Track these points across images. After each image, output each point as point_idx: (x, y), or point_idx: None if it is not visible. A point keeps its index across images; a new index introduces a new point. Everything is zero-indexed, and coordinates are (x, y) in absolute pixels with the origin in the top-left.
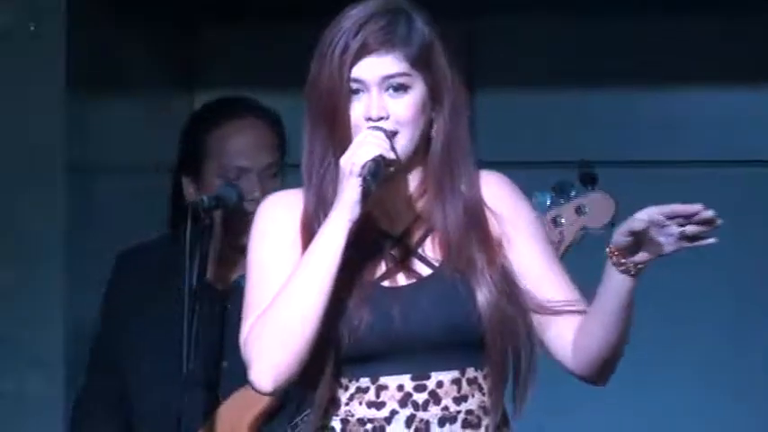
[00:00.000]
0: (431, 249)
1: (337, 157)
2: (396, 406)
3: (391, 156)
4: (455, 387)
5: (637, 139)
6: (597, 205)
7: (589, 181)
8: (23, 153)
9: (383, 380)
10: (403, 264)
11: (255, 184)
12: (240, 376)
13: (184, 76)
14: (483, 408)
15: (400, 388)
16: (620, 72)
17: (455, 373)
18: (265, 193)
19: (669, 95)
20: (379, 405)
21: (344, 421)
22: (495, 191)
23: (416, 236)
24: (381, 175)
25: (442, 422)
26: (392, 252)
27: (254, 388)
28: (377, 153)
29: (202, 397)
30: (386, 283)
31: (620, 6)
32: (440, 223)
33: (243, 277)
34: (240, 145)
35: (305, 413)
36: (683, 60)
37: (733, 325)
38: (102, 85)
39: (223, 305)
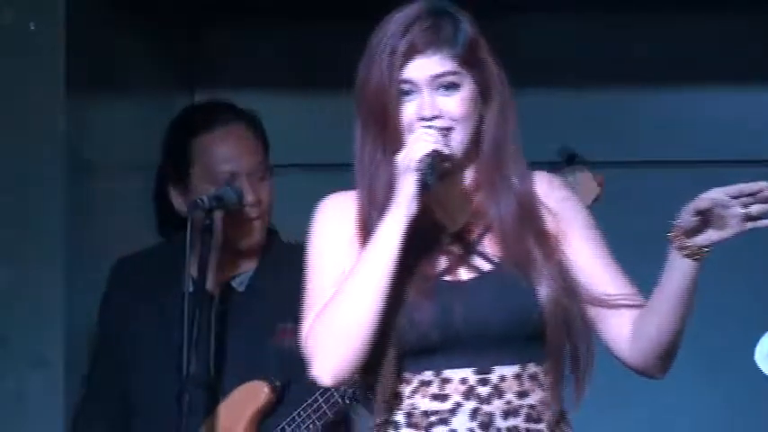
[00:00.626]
0: (489, 245)
1: (388, 157)
2: (460, 398)
3: (446, 151)
4: (517, 381)
5: (637, 140)
6: (582, 183)
7: (569, 158)
8: (23, 153)
9: (446, 373)
10: (463, 259)
11: (247, 188)
12: (238, 374)
13: (185, 75)
14: (544, 403)
15: (463, 381)
16: (620, 72)
17: (517, 368)
18: (257, 195)
19: (669, 95)
20: (443, 397)
21: (409, 414)
22: (548, 189)
23: (475, 232)
24: (438, 169)
25: (505, 415)
26: (452, 247)
27: (316, 383)
28: (432, 148)
29: (202, 396)
30: (447, 278)
31: (620, 6)
32: (496, 218)
33: (237, 278)
34: (227, 150)
35: (300, 409)
36: (683, 60)
37: (735, 325)
38: (102, 84)
39: (219, 306)
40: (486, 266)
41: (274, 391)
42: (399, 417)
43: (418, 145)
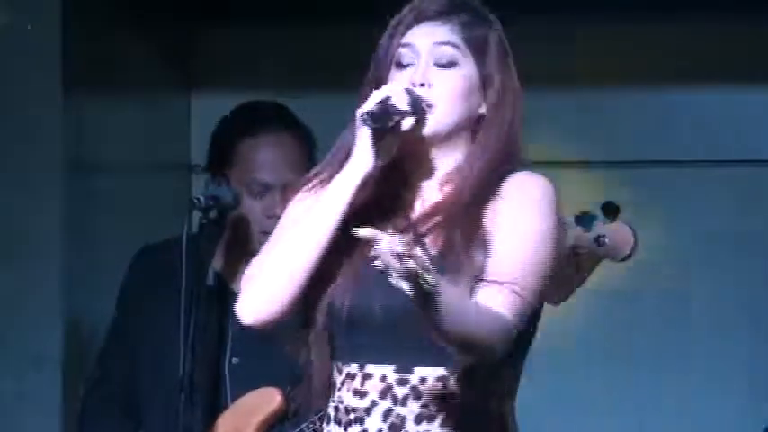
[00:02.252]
0: (433, 242)
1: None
2: (376, 397)
3: (402, 106)
4: (440, 384)
5: (636, 140)
6: (617, 237)
7: (612, 212)
8: (22, 153)
9: (369, 368)
10: None
11: (278, 202)
12: (251, 374)
13: (183, 75)
14: (464, 409)
15: (383, 379)
16: (621, 73)
17: (441, 371)
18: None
19: (669, 96)
20: (362, 394)
21: (336, 408)
22: (512, 189)
23: (426, 225)
24: (388, 118)
25: (418, 419)
26: (398, 233)
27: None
28: (386, 95)
29: (204, 399)
30: (378, 264)
31: (620, 6)
32: (449, 217)
33: None
34: (266, 160)
35: (310, 420)
36: (684, 60)
37: (734, 326)
38: (100, 84)
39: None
40: None
41: (286, 399)
42: (330, 409)
43: (373, 96)
